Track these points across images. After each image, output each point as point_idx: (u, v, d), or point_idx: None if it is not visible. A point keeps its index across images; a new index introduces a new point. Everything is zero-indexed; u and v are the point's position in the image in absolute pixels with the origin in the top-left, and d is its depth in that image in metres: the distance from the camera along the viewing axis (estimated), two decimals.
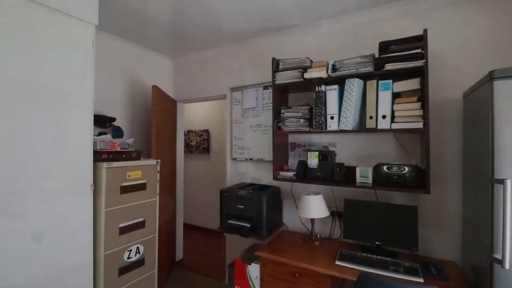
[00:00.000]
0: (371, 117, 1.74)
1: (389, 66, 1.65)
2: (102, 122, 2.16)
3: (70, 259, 1.63)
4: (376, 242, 1.78)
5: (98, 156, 1.80)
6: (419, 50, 1.61)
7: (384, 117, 1.68)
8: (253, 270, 1.93)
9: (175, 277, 2.88)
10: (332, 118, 1.84)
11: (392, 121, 1.67)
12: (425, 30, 1.58)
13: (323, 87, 1.87)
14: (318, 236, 2.00)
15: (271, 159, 2.40)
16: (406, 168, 1.64)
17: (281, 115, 2.05)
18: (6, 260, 1.36)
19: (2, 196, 1.34)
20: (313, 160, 1.94)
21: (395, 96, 1.70)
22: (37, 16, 1.52)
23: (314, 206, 1.86)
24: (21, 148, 1.43)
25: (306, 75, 1.90)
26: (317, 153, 1.94)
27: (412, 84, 1.67)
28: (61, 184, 1.60)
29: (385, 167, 1.70)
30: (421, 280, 1.40)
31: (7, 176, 1.37)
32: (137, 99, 2.82)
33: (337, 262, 1.62)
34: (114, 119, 2.28)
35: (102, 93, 2.41)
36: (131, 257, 1.96)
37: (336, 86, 1.85)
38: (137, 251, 2.01)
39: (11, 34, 1.41)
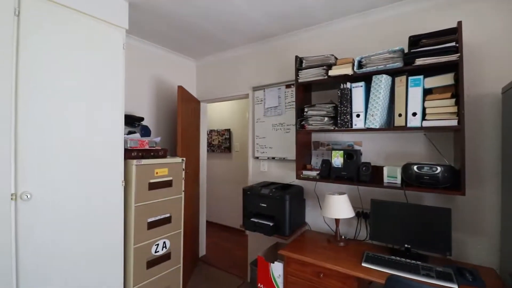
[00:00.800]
0: (400, 115, 1.68)
1: (420, 61, 1.58)
2: (131, 121, 2.27)
3: (101, 249, 1.74)
4: (406, 245, 1.71)
5: (129, 153, 1.89)
6: (453, 44, 1.52)
7: (414, 114, 1.61)
8: (276, 269, 1.93)
9: (198, 273, 2.95)
10: (358, 116, 1.79)
11: (423, 118, 1.60)
12: (459, 23, 1.50)
13: (348, 85, 1.83)
14: (343, 237, 1.96)
15: (293, 158, 2.40)
16: (439, 168, 1.56)
17: (304, 113, 2.03)
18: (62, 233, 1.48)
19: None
20: (337, 159, 1.91)
21: (426, 92, 1.63)
22: (80, 24, 1.64)
23: (339, 206, 1.83)
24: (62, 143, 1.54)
25: (331, 73, 1.87)
26: (342, 152, 1.90)
27: (445, 79, 1.59)
28: (97, 178, 1.70)
29: (415, 167, 1.62)
30: (455, 286, 1.33)
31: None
32: (162, 100, 2.92)
33: (363, 264, 1.58)
34: (142, 119, 2.38)
35: (131, 94, 2.53)
36: (158, 251, 2.03)
37: (362, 83, 1.80)
38: (164, 245, 2.08)
39: (64, 44, 1.54)
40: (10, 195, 1.35)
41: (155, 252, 2.01)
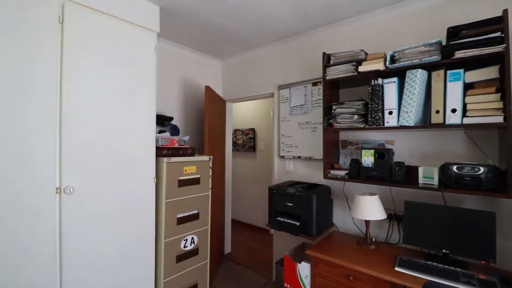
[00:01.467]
0: (437, 111, 1.58)
1: (460, 54, 1.47)
2: (161, 121, 2.36)
3: (135, 240, 1.82)
4: (443, 250, 1.60)
5: (160, 151, 1.97)
6: (498, 34, 1.40)
7: (454, 111, 1.51)
8: (303, 269, 1.90)
9: (224, 269, 3.00)
10: (390, 113, 1.71)
11: (464, 115, 1.49)
12: (505, 11, 1.38)
13: (380, 80, 1.76)
14: (373, 240, 1.89)
15: (320, 157, 2.35)
16: (482, 169, 1.45)
17: (332, 111, 1.98)
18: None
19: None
20: (368, 159, 1.84)
21: (467, 87, 1.51)
22: (116, 29, 1.73)
23: (370, 207, 1.76)
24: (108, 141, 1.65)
25: (361, 69, 1.81)
26: (372, 151, 1.83)
27: (489, 72, 1.47)
28: (131, 174, 1.79)
29: (454, 167, 1.52)
30: None
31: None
32: (190, 100, 3.01)
33: (397, 269, 1.51)
34: (171, 118, 2.47)
35: (161, 94, 2.62)
36: (186, 246, 2.09)
37: (395, 79, 1.72)
38: (192, 241, 2.14)
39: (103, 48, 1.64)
40: (55, 188, 1.47)
41: (184, 247, 2.08)
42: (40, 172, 1.42)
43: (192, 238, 2.14)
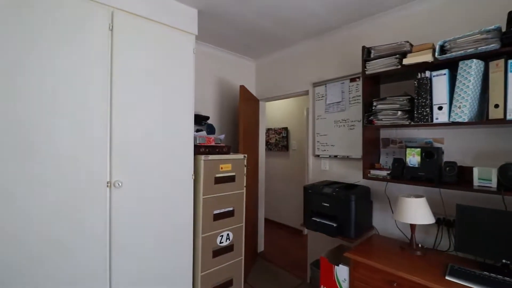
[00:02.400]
0: (496, 106, 1.41)
1: None
2: (199, 120, 2.44)
3: (175, 233, 1.91)
4: (503, 261, 1.43)
5: (198, 149, 2.04)
6: None
7: None
8: (341, 272, 1.83)
9: (257, 268, 3.01)
10: (440, 108, 1.57)
11: None
12: None
13: (427, 73, 1.62)
14: (419, 245, 1.75)
15: (358, 157, 2.25)
16: None
17: (373, 107, 1.88)
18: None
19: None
20: (413, 158, 1.71)
21: None
22: (158, 33, 1.83)
23: (416, 210, 1.63)
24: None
25: (406, 61, 1.68)
26: (419, 150, 1.70)
27: None
28: (172, 171, 1.89)
29: None
30: None
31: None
32: (224, 99, 3.07)
33: (448, 278, 1.38)
34: (208, 118, 2.55)
35: (197, 94, 2.72)
36: (222, 242, 2.14)
37: (445, 71, 1.57)
38: (227, 237, 2.18)
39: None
40: (106, 182, 1.59)
41: (220, 242, 2.13)
42: (95, 167, 1.55)
43: (228, 234, 2.18)
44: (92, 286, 1.54)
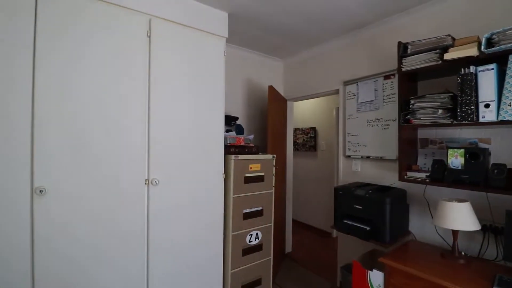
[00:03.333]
0: None
1: None
2: (228, 121, 2.49)
3: (206, 230, 1.97)
4: None
5: (228, 149, 2.09)
6: None
7: None
8: (376, 278, 1.76)
9: (285, 268, 3.00)
10: (487, 106, 1.45)
11: None
12: None
13: (472, 68, 1.51)
14: (463, 253, 1.63)
15: (393, 158, 2.15)
16: None
17: (410, 106, 1.78)
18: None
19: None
20: (456, 160, 1.60)
21: None
22: (191, 37, 1.91)
23: (459, 216, 1.52)
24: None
25: (447, 56, 1.58)
26: (462, 151, 1.58)
27: None
28: (204, 170, 1.95)
29: None
30: None
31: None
32: (251, 100, 3.11)
33: None
34: (237, 118, 2.59)
35: (227, 95, 2.78)
36: (251, 241, 2.17)
37: (493, 65, 1.45)
38: (257, 236, 2.20)
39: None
40: (145, 180, 1.69)
41: (249, 241, 2.15)
42: (135, 167, 1.66)
43: (257, 233, 2.20)
44: (130, 273, 1.65)
